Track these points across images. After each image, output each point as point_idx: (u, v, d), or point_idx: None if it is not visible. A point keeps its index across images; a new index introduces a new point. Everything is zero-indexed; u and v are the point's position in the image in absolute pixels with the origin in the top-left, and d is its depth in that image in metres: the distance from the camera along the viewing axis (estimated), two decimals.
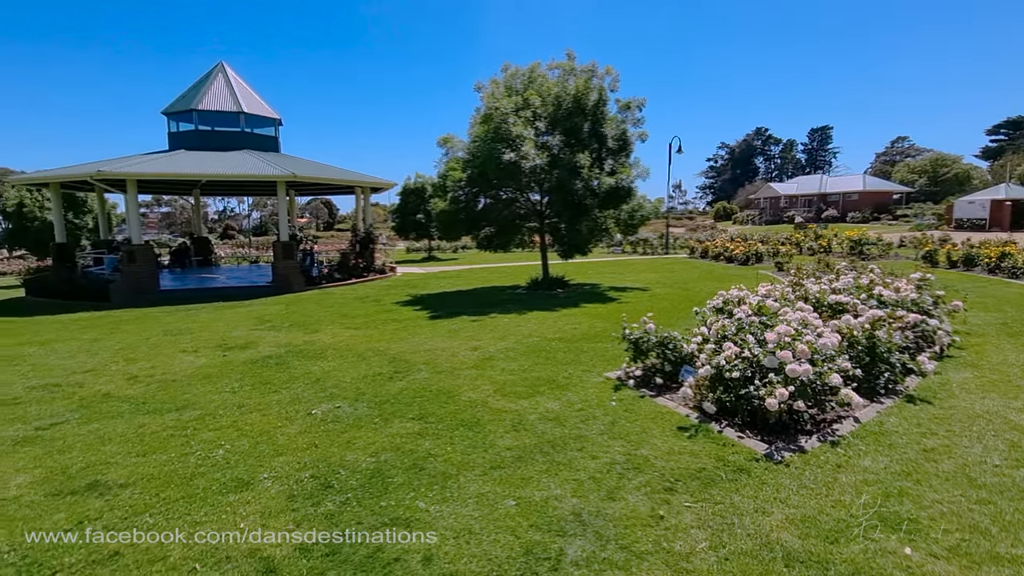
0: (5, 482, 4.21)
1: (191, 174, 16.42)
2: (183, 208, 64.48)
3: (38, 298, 15.92)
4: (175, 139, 18.94)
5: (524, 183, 13.04)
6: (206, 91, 18.64)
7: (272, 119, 20.01)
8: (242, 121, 18.77)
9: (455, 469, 4.25)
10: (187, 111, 18.47)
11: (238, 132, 18.76)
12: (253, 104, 19.37)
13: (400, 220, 30.28)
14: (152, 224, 65.43)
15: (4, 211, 26.88)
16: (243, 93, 19.23)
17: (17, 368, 7.81)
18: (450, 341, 8.75)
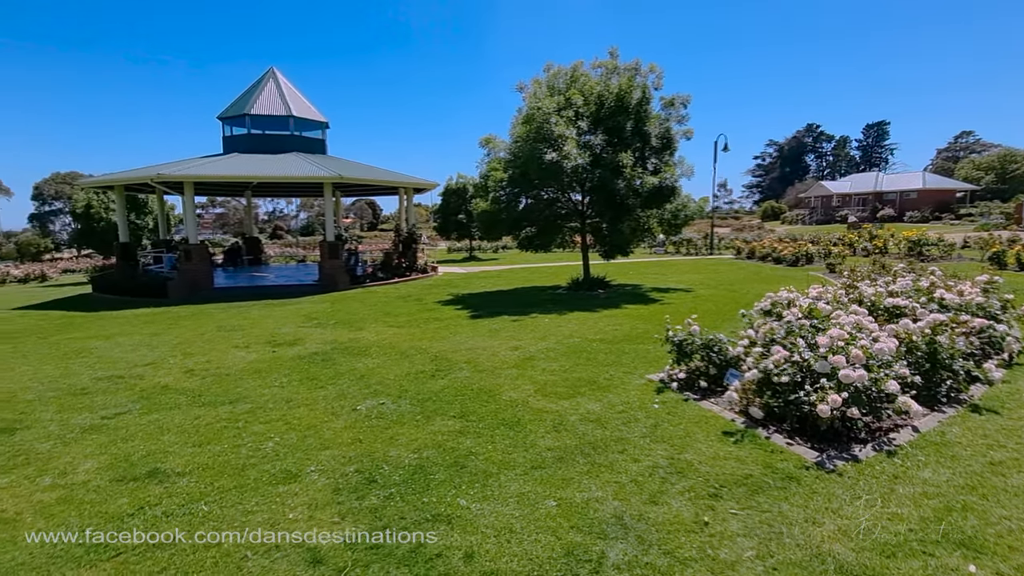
0: (75, 467, 4.47)
1: (243, 176, 17.06)
2: (236, 209, 67.10)
3: (103, 294, 16.86)
4: (229, 143, 19.72)
5: (566, 183, 12.98)
6: (258, 96, 19.33)
7: (320, 122, 20.57)
8: (291, 124, 19.38)
9: (496, 468, 4.27)
10: (240, 116, 19.20)
11: (287, 135, 19.37)
12: (302, 108, 19.97)
13: (442, 220, 30.64)
14: (207, 224, 68.33)
15: (74, 212, 28.59)
16: (292, 97, 19.84)
17: (84, 360, 8.28)
18: (491, 340, 8.80)
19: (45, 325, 11.80)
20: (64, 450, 4.83)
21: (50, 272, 27.84)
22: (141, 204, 27.12)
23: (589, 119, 12.71)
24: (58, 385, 6.91)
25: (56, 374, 7.47)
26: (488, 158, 14.09)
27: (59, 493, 4.02)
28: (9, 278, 25.44)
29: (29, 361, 8.32)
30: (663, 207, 13.51)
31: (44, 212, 59.22)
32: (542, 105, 12.25)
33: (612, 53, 13.13)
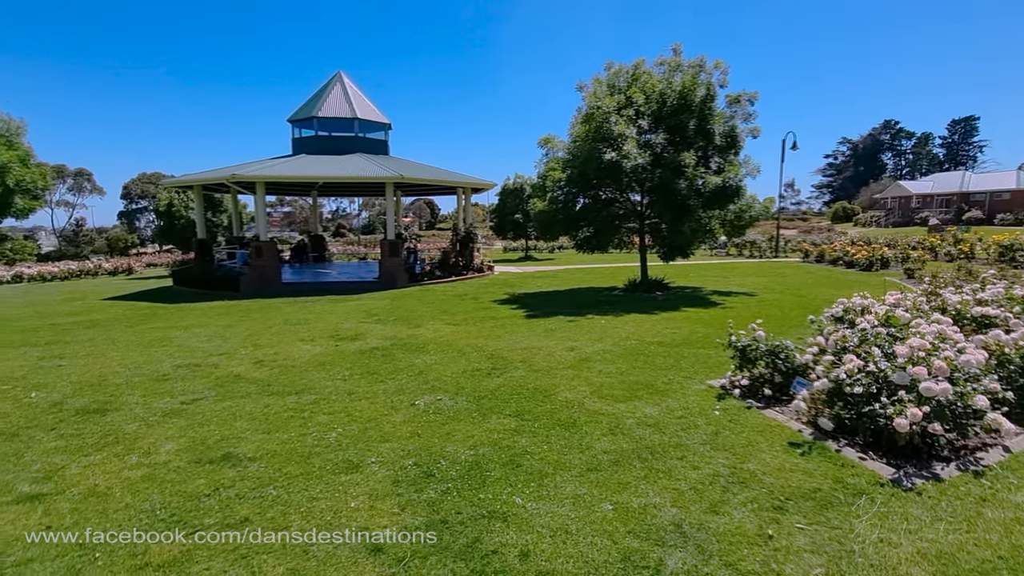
0: (157, 448, 4.79)
1: (310, 176, 17.77)
2: (302, 208, 70.04)
3: (182, 287, 17.99)
4: (297, 144, 20.59)
5: (625, 183, 12.79)
6: (325, 99, 20.09)
7: (382, 123, 21.16)
8: (356, 126, 20.02)
9: (551, 468, 4.26)
10: (308, 118, 20.01)
11: (352, 137, 20.03)
12: (366, 110, 20.60)
13: (498, 220, 30.85)
14: (275, 223, 71.67)
15: (157, 210, 30.63)
16: (357, 100, 20.50)
17: (166, 348, 8.86)
18: (546, 340, 8.79)
19: (131, 315, 12.70)
20: (148, 432, 5.19)
21: (135, 265, 29.96)
22: (217, 203, 28.72)
23: (650, 118, 12.47)
24: (142, 371, 7.42)
25: (141, 360, 8.03)
26: (547, 158, 14.08)
27: (144, 471, 4.32)
28: (101, 270, 27.56)
29: (117, 347, 8.98)
30: (726, 208, 13.09)
31: (131, 210, 63.73)
32: (602, 104, 12.12)
33: (675, 50, 12.83)
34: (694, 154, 11.91)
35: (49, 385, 6.81)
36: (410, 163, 21.37)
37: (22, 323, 11.80)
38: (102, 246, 48.75)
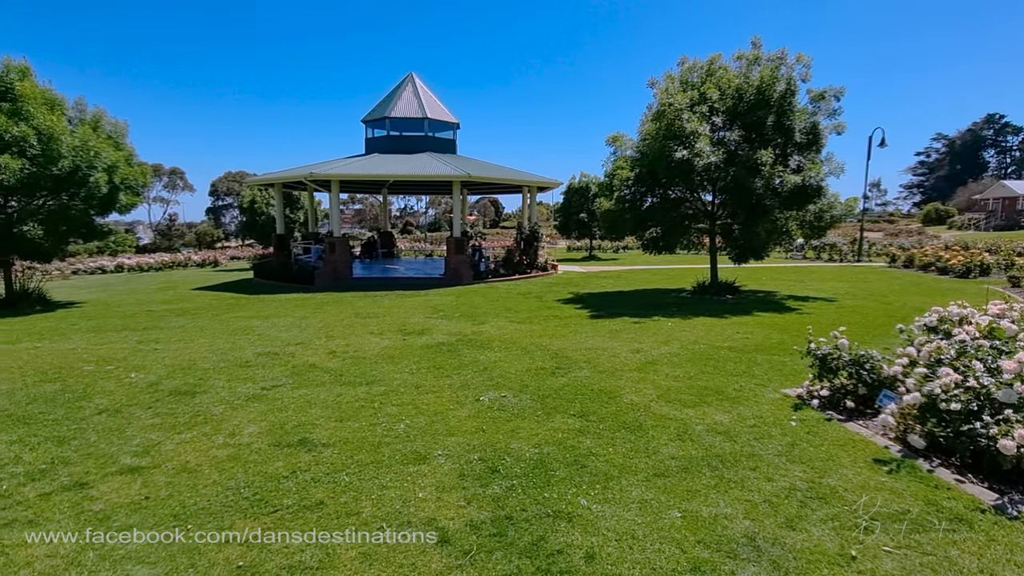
0: (241, 430, 5.10)
1: (382, 175, 18.35)
2: (371, 205, 72.47)
3: (262, 280, 19.04)
4: (370, 144, 21.32)
5: (696, 182, 12.40)
6: (397, 100, 20.68)
7: (451, 123, 21.54)
8: (425, 126, 20.49)
9: (617, 471, 4.20)
10: (381, 119, 20.67)
11: (422, 136, 20.52)
12: (435, 110, 21.03)
13: (563, 219, 30.70)
14: (346, 220, 74.57)
15: (240, 207, 32.59)
16: (428, 100, 20.97)
17: (248, 337, 9.40)
18: (611, 341, 8.67)
19: (217, 304, 13.57)
20: (232, 414, 5.52)
21: (220, 258, 32.00)
22: (295, 200, 30.20)
23: (725, 114, 12.02)
24: (227, 357, 7.91)
25: (226, 347, 8.56)
26: (615, 156, 13.87)
27: (229, 451, 4.61)
28: (190, 262, 29.65)
29: (205, 335, 9.61)
30: (805, 208, 12.44)
31: (218, 206, 68.05)
32: (673, 101, 11.79)
33: (755, 43, 12.30)
34: (771, 152, 11.38)
35: (146, 367, 7.38)
36: (476, 162, 21.64)
37: (123, 309, 12.86)
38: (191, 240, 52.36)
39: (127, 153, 13.72)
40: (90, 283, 20.40)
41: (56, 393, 6.26)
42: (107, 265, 25.62)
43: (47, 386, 6.55)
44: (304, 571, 2.99)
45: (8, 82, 11.81)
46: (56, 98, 12.59)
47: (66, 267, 23.69)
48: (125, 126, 14.05)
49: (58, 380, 6.79)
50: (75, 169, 12.07)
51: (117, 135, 13.69)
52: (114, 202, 13.39)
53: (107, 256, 27.95)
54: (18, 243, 12.22)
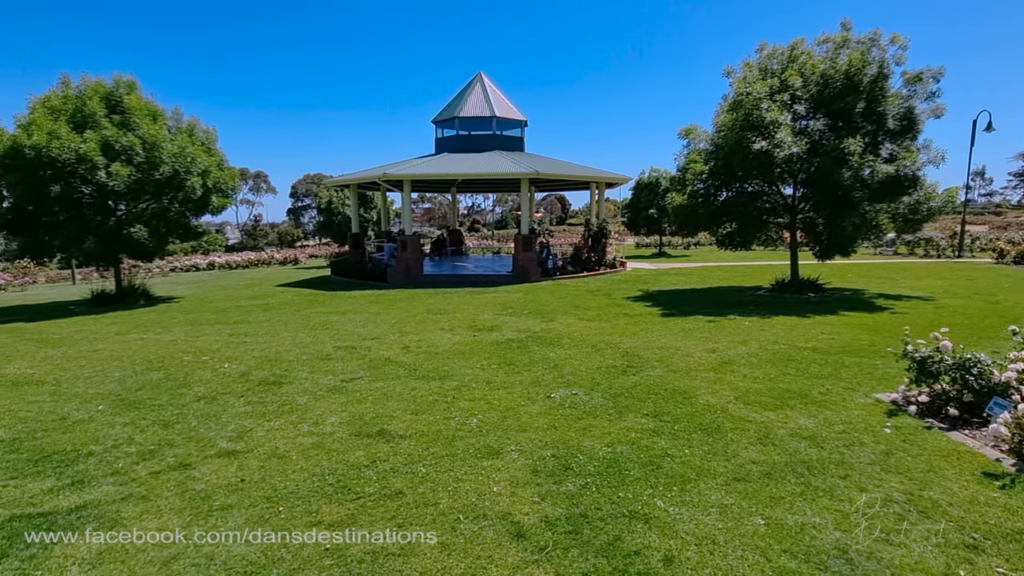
0: (324, 419, 5.35)
1: (452, 174, 18.69)
2: (440, 204, 74.04)
3: (339, 277, 19.89)
4: (440, 144, 21.76)
5: (776, 174, 11.80)
6: (466, 100, 20.98)
7: (519, 121, 21.62)
8: (494, 125, 20.67)
9: (694, 473, 4.08)
10: (450, 119, 21.05)
11: (490, 135, 20.72)
12: (503, 108, 21.18)
13: (631, 215, 30.12)
14: (416, 218, 76.47)
15: (318, 207, 34.20)
16: (496, 99, 21.14)
17: (327, 331, 9.85)
18: (684, 340, 8.43)
19: (298, 300, 14.31)
20: (315, 404, 5.81)
21: (300, 256, 33.75)
22: (368, 200, 31.36)
23: (808, 102, 11.36)
24: (309, 350, 8.32)
25: (307, 341, 9.01)
26: (687, 150, 13.44)
27: (313, 439, 4.85)
28: (273, 260, 31.46)
29: (288, 329, 10.16)
30: (898, 200, 11.57)
31: (297, 207, 71.81)
32: (752, 90, 11.27)
33: (844, 24, 11.52)
34: (860, 140, 10.64)
35: (237, 358, 7.90)
36: (544, 159, 21.62)
37: (215, 304, 13.82)
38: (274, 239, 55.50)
39: (218, 159, 14.72)
40: (186, 280, 22.07)
41: (160, 380, 6.82)
42: (200, 263, 27.62)
43: (153, 374, 7.14)
44: (387, 557, 3.10)
45: (118, 96, 12.96)
46: (157, 109, 13.69)
47: (165, 265, 25.75)
48: (215, 133, 15.08)
49: (162, 369, 7.39)
50: (174, 174, 13.08)
51: (208, 141, 14.72)
52: (207, 204, 14.41)
53: (200, 255, 30.09)
54: (127, 243, 13.39)
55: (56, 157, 11.71)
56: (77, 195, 12.55)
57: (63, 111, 12.51)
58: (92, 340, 9.46)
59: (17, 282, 22.24)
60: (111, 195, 12.91)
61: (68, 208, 12.68)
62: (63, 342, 9.35)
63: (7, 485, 4.05)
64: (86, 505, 3.73)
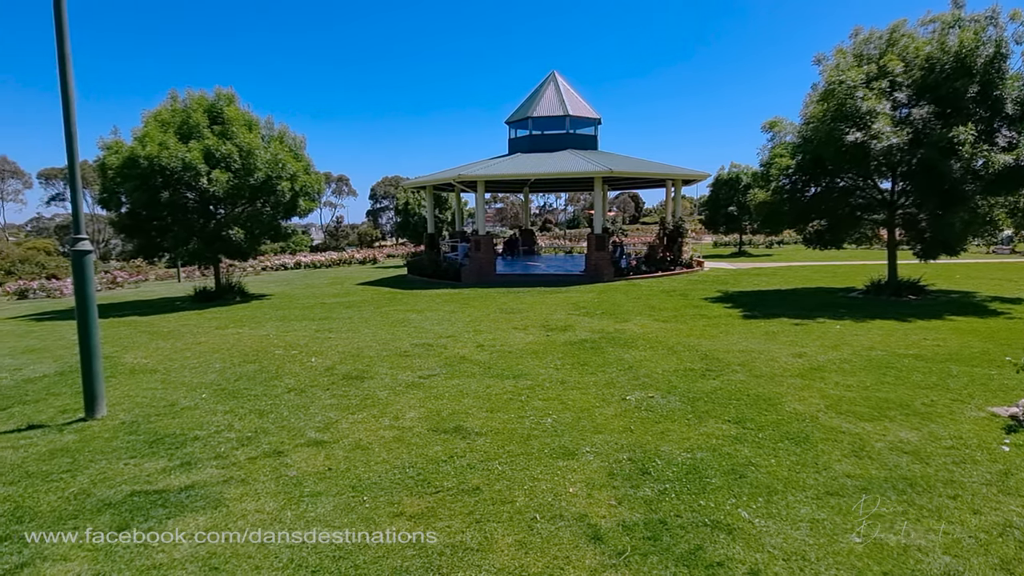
0: (403, 414, 5.53)
1: (525, 174, 18.80)
2: (512, 204, 74.66)
3: (414, 276, 20.52)
4: (513, 144, 21.95)
5: (871, 168, 10.99)
6: (539, 100, 21.03)
7: (593, 119, 21.41)
8: (567, 124, 20.59)
9: (781, 485, 3.87)
10: (523, 119, 21.18)
11: (563, 134, 20.66)
12: (577, 106, 21.04)
13: (710, 212, 29.06)
14: (488, 218, 77.56)
15: (396, 208, 35.46)
16: (569, 97, 21.05)
17: (405, 329, 10.18)
18: (768, 344, 8.03)
19: (377, 298, 14.89)
20: (395, 399, 6.02)
21: (378, 256, 35.12)
22: (443, 201, 32.15)
23: (910, 88, 10.49)
24: (388, 347, 8.63)
25: (387, 338, 9.35)
26: (772, 143, 12.79)
27: (394, 433, 5.03)
28: (353, 260, 32.94)
29: (369, 326, 10.59)
30: (1017, 192, 10.45)
31: (376, 208, 74.67)
32: (845, 77, 10.54)
33: (956, 1, 10.52)
34: (972, 128, 9.70)
35: (323, 353, 8.32)
36: (618, 156, 21.27)
37: (302, 301, 14.64)
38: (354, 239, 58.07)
39: (305, 164, 15.58)
40: (275, 278, 23.53)
41: (255, 372, 7.31)
42: (288, 262, 29.34)
43: (248, 366, 7.67)
44: (466, 551, 3.17)
45: (219, 108, 14.01)
46: (253, 119, 14.67)
47: (257, 264, 27.57)
48: (303, 140, 15.96)
49: (256, 361, 7.92)
50: (267, 179, 13.98)
51: (297, 148, 15.61)
52: (296, 207, 15.29)
53: (287, 255, 31.96)
54: (225, 244, 14.45)
55: (165, 166, 12.82)
56: (183, 200, 13.71)
57: (171, 123, 13.68)
58: (195, 333, 10.28)
59: (132, 279, 24.59)
60: (212, 200, 14.00)
61: (175, 212, 13.86)
62: (171, 335, 10.23)
63: (128, 463, 4.49)
64: (193, 485, 4.07)
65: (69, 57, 5.35)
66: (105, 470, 4.36)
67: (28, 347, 9.53)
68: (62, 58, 5.30)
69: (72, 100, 5.39)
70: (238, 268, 25.69)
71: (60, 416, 5.74)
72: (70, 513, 3.70)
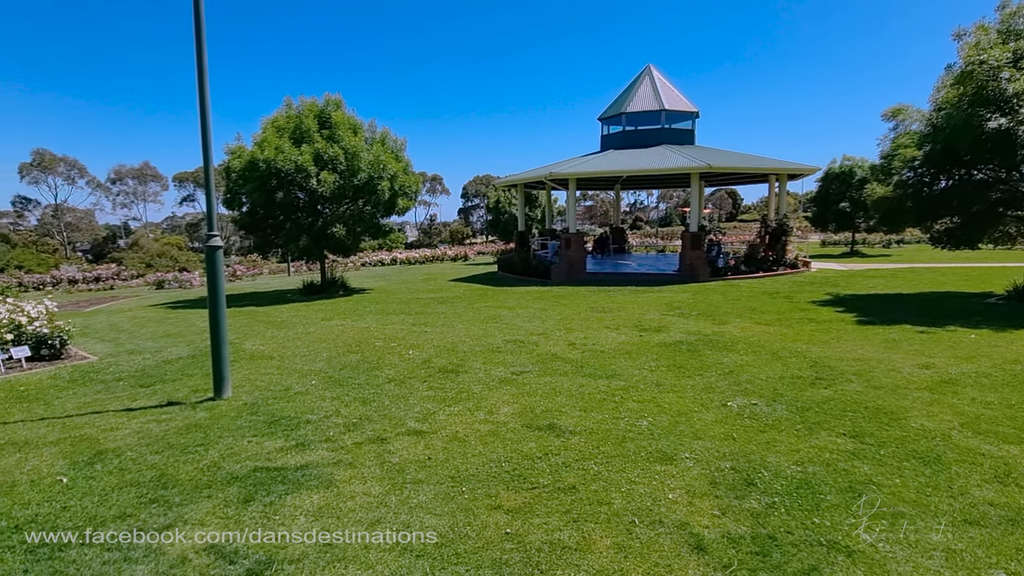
0: (497, 409, 5.63)
1: (617, 171, 18.46)
2: (602, 202, 73.67)
3: (504, 273, 20.80)
4: (606, 141, 21.63)
5: (1018, 158, 9.73)
6: (633, 95, 20.55)
7: (690, 112, 20.62)
8: (662, 118, 19.97)
9: (908, 508, 3.53)
10: (617, 115, 20.79)
11: (658, 129, 20.05)
12: (673, 100, 20.35)
13: (818, 209, 27.05)
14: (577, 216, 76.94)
15: (487, 207, 36.14)
16: (665, 91, 20.40)
17: (496, 325, 10.34)
18: (887, 353, 7.35)
19: (469, 294, 15.24)
20: (489, 394, 6.13)
21: (469, 253, 36.00)
22: (533, 199, 32.34)
23: None
24: (481, 342, 8.81)
25: (479, 333, 9.54)
26: (894, 133, 11.68)
27: (488, 427, 5.12)
28: (445, 257, 33.98)
29: (462, 321, 10.86)
30: None
31: (467, 207, 76.57)
32: (987, 56, 9.39)
33: None
34: None
35: (419, 346, 8.64)
36: (716, 151, 20.35)
37: (399, 296, 15.30)
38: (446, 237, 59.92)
39: (404, 164, 16.25)
40: (373, 274, 24.77)
41: (358, 362, 7.73)
42: (384, 259, 30.80)
43: (352, 356, 8.12)
44: (564, 550, 3.16)
45: (327, 114, 14.95)
46: (357, 123, 15.51)
47: (357, 260, 29.16)
48: (404, 142, 16.65)
49: (358, 352, 8.37)
50: (369, 180, 14.74)
51: (397, 149, 16.31)
52: (394, 206, 16.00)
53: (384, 251, 33.54)
54: (330, 241, 15.40)
55: (280, 168, 13.87)
56: (294, 200, 14.77)
57: (286, 128, 14.77)
58: (304, 324, 11.05)
59: (248, 273, 26.88)
60: (319, 199, 14.97)
61: (287, 211, 14.97)
62: (283, 324, 11.06)
63: (251, 441, 4.91)
64: (308, 465, 4.37)
65: (207, 84, 5.90)
66: (232, 446, 4.80)
67: (166, 332, 10.69)
68: (201, 87, 5.87)
69: (208, 121, 5.94)
70: (340, 263, 27.33)
71: (193, 395, 6.39)
72: (204, 483, 4.11)
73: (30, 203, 59.19)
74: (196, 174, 63.98)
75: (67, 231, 56.33)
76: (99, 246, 54.09)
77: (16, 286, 21.65)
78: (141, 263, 32.36)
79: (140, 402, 6.18)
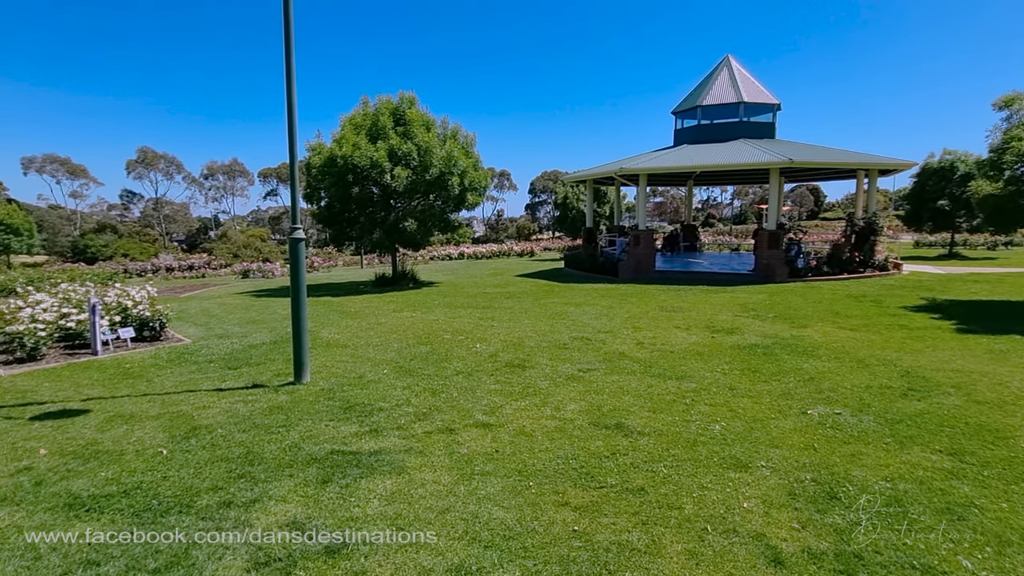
0: (564, 405, 5.61)
1: (691, 166, 17.91)
2: (672, 198, 71.70)
3: (571, 270, 20.67)
4: (679, 135, 21.01)
5: None
6: (710, 87, 19.83)
7: (770, 105, 19.66)
8: (740, 111, 19.16)
9: (1016, 536, 3.22)
10: (692, 108, 20.14)
11: (735, 122, 19.26)
12: (752, 92, 19.47)
13: (912, 207, 25.11)
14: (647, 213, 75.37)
15: (555, 203, 36.07)
16: (744, 83, 19.55)
17: (563, 322, 10.29)
18: (993, 364, 6.73)
19: (535, 290, 15.25)
20: (555, 390, 6.12)
21: (535, 249, 36.05)
22: (601, 195, 31.99)
23: None
24: (547, 338, 8.80)
25: (545, 329, 9.53)
26: (1007, 124, 10.64)
27: (555, 423, 5.11)
28: (512, 252, 34.20)
29: (528, 316, 10.89)
30: None
31: (534, 203, 76.67)
32: None
33: None
34: None
35: (486, 340, 8.74)
36: (798, 145, 19.30)
37: (466, 290, 15.54)
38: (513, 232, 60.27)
39: (474, 160, 16.46)
40: (441, 267, 25.29)
41: (427, 354, 7.92)
42: (452, 253, 31.39)
43: (421, 347, 8.33)
44: (632, 552, 3.11)
45: (402, 111, 15.38)
46: (430, 120, 15.86)
47: (426, 254, 29.89)
48: (474, 138, 16.87)
49: (427, 344, 8.58)
50: (440, 175, 15.04)
51: (468, 145, 16.55)
52: (464, 201, 16.25)
53: (452, 246, 34.17)
54: (401, 235, 15.87)
55: (357, 164, 14.41)
56: (369, 195, 15.30)
57: (363, 126, 15.32)
58: (376, 315, 11.45)
59: (325, 264, 28.15)
60: (392, 194, 15.44)
61: (362, 206, 15.54)
62: (357, 314, 11.51)
63: (328, 425, 5.15)
64: (380, 451, 4.53)
65: (294, 90, 6.21)
66: (311, 429, 5.05)
67: (251, 319, 11.39)
68: (289, 93, 6.18)
69: (295, 126, 6.25)
70: (410, 257, 28.09)
71: (275, 379, 6.77)
72: (286, 462, 4.35)
73: (135, 196, 64.88)
74: (279, 170, 67.73)
75: (165, 223, 61.25)
76: (192, 237, 58.45)
77: (122, 272, 23.75)
78: (229, 253, 34.64)
79: (228, 383, 6.62)
